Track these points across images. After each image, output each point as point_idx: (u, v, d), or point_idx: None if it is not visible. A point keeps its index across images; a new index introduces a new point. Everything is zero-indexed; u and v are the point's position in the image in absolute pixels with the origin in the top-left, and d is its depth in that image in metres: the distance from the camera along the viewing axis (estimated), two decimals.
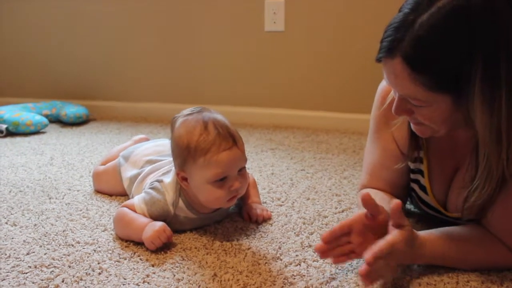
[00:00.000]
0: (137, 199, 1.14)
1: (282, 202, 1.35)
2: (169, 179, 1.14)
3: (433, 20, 0.79)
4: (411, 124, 0.97)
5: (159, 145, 1.36)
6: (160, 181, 1.15)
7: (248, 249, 1.07)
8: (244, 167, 1.10)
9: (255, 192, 1.29)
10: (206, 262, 1.01)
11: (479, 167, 0.88)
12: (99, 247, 1.08)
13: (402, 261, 0.95)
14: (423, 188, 1.08)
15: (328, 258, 0.95)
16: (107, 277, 0.96)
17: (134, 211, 1.12)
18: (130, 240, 1.10)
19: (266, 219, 1.22)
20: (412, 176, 1.11)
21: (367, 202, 0.91)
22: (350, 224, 0.94)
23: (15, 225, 1.19)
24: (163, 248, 1.06)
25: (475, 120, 0.84)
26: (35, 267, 0.99)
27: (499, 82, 0.80)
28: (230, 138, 1.05)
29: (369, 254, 0.84)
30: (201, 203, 1.11)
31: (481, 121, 0.83)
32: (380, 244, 0.86)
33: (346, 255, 0.94)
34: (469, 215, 0.95)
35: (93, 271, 0.98)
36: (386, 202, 1.04)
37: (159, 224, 1.06)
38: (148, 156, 1.31)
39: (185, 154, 1.06)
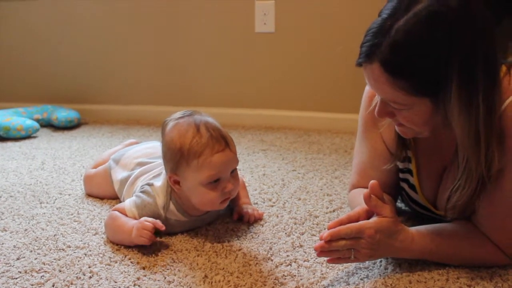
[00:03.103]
0: (128, 203, 1.14)
1: (273, 202, 1.35)
2: (159, 182, 1.14)
3: (409, 25, 0.80)
4: (395, 125, 0.98)
5: (149, 147, 1.36)
6: (150, 185, 1.15)
7: (239, 250, 1.07)
8: (236, 169, 1.11)
9: (245, 193, 1.29)
10: (197, 264, 1.01)
11: (459, 169, 0.89)
12: (90, 251, 1.08)
13: (388, 254, 0.96)
14: (412, 187, 1.09)
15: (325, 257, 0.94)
16: (98, 281, 0.95)
17: (125, 214, 1.12)
18: (121, 244, 1.10)
19: (257, 219, 1.22)
20: (401, 175, 1.11)
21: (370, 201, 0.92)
22: (358, 215, 0.94)
23: (5, 231, 1.18)
24: (154, 250, 1.06)
25: (453, 123, 0.85)
26: (25, 272, 0.99)
27: (476, 86, 0.81)
28: (222, 140, 1.06)
29: (327, 231, 0.87)
30: (194, 205, 1.11)
31: (459, 124, 0.84)
32: (344, 226, 0.88)
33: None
34: (453, 214, 0.96)
35: (84, 275, 0.98)
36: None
37: (139, 220, 1.07)
38: (139, 159, 1.31)
39: (178, 157, 1.06)
